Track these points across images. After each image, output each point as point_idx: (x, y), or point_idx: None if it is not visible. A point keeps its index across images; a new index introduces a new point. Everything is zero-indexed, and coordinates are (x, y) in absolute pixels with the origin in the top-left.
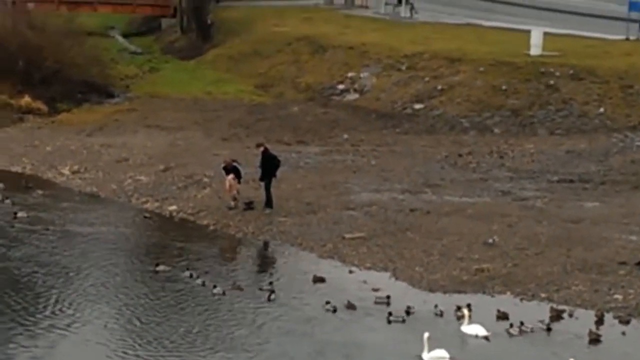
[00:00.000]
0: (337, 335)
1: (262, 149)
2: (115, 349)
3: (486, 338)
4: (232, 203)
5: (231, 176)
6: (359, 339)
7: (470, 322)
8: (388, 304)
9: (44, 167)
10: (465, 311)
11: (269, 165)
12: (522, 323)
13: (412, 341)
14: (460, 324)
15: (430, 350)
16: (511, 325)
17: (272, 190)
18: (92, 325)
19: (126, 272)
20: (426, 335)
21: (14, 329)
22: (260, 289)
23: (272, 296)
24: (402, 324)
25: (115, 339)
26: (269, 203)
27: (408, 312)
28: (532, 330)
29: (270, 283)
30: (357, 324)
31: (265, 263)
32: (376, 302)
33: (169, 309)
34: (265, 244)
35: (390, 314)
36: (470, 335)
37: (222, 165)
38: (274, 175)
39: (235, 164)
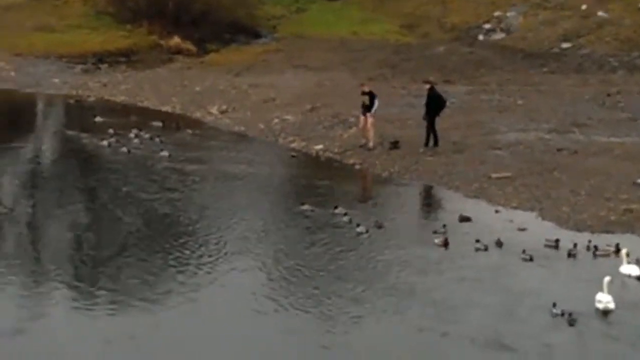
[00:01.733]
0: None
1: (428, 86)
2: (266, 290)
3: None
4: (364, 141)
5: (370, 119)
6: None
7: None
8: (557, 247)
9: (193, 107)
10: (624, 252)
11: (435, 104)
12: None
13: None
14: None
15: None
16: None
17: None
18: (243, 263)
19: (273, 210)
20: (607, 279)
21: (167, 271)
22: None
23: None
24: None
25: (265, 281)
26: (435, 141)
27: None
28: None
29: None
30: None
31: (411, 202)
32: (546, 246)
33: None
34: (412, 184)
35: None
36: (627, 275)
37: (362, 90)
38: (438, 115)
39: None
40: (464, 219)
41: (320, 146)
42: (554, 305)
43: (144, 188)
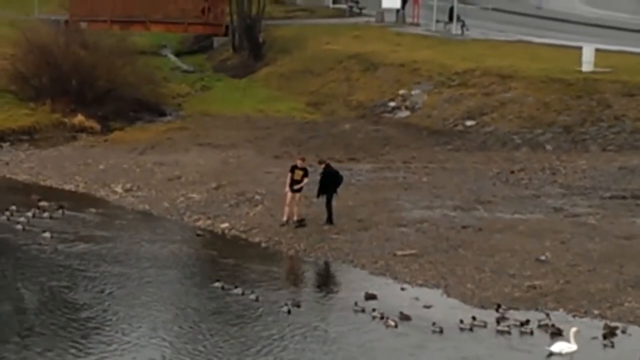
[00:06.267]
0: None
1: (324, 165)
2: None
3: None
4: (285, 219)
5: (297, 195)
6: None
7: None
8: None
9: (97, 185)
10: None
11: (332, 181)
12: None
13: None
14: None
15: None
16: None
17: (323, 207)
18: (149, 339)
19: (180, 289)
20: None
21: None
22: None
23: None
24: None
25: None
26: (329, 219)
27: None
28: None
29: (324, 299)
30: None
31: (317, 280)
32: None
33: (227, 326)
34: (317, 262)
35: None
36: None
37: (294, 164)
38: (335, 192)
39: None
40: (370, 297)
41: (226, 224)
42: None
43: (39, 270)
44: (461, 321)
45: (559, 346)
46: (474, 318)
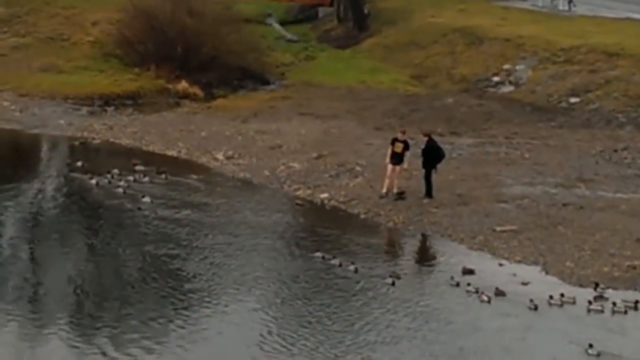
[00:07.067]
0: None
1: (427, 138)
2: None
3: None
4: (384, 191)
5: (398, 167)
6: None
7: None
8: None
9: (199, 152)
10: None
11: (433, 156)
12: None
13: None
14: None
15: None
16: None
17: (423, 180)
18: (244, 308)
19: (280, 258)
20: None
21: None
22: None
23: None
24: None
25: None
26: (429, 192)
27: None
28: None
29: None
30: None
31: (415, 253)
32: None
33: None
34: (416, 235)
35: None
36: None
37: (395, 136)
38: (435, 167)
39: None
40: (468, 272)
41: (325, 195)
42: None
43: (138, 237)
44: (550, 297)
45: None
46: (562, 295)
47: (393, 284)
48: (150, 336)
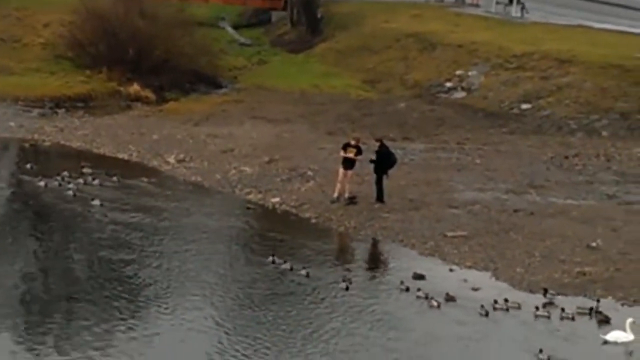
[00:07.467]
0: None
1: (379, 143)
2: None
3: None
4: (336, 196)
5: (349, 172)
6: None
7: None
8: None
9: (150, 155)
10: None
11: (385, 161)
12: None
13: None
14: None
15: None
16: None
17: (374, 185)
18: (196, 314)
19: (229, 262)
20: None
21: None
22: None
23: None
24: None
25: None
26: (380, 197)
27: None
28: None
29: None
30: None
31: (366, 258)
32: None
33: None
34: (367, 240)
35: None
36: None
37: (347, 141)
38: (386, 173)
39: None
40: (418, 277)
41: (277, 199)
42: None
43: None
44: (495, 301)
45: (614, 335)
46: (506, 300)
47: (347, 289)
48: (97, 344)
